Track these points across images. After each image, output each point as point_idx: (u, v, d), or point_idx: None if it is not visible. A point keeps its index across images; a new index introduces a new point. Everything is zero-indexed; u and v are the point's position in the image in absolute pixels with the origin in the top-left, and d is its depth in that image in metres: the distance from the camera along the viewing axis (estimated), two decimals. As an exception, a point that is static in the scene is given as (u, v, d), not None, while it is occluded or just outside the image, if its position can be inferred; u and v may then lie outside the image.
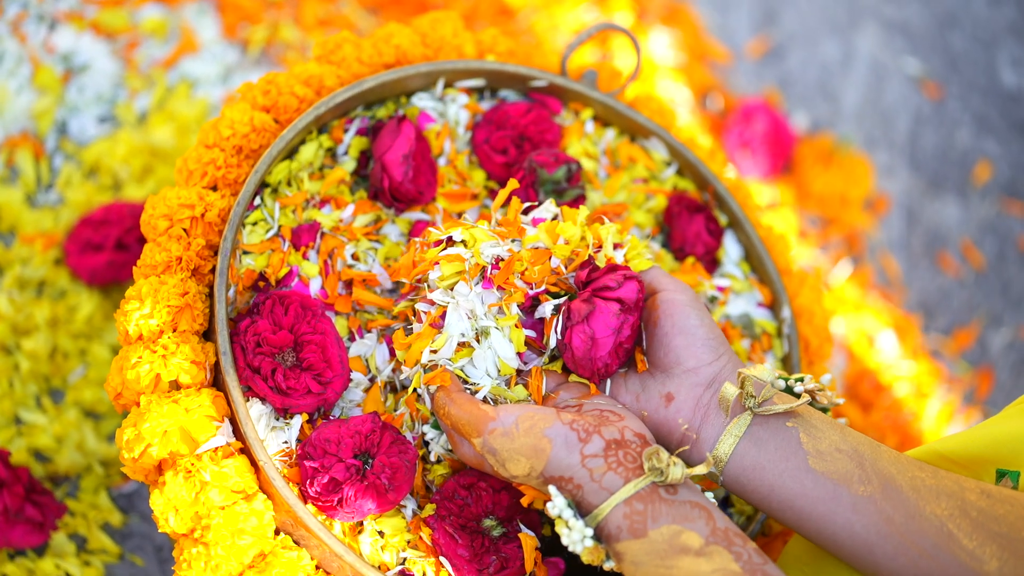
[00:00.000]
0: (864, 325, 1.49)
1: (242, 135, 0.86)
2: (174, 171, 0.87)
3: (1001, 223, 1.61)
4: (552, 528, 0.82)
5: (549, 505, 0.70)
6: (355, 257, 0.88)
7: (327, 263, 0.86)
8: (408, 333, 0.81)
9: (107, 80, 1.31)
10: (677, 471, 0.69)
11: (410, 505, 0.80)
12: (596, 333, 0.76)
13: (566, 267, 0.80)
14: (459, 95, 0.96)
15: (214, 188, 0.86)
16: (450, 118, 0.95)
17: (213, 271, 0.83)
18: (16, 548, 1.01)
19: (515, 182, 0.83)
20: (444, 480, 0.82)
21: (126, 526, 1.08)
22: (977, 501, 0.69)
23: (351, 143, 0.91)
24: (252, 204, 0.86)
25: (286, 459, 0.78)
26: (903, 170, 1.63)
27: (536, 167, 0.90)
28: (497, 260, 0.79)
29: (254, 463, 0.77)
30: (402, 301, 0.84)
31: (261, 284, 0.84)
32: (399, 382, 0.85)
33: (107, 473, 1.09)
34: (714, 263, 0.97)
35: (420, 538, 0.78)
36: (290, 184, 0.88)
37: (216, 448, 0.77)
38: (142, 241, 1.14)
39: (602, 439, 0.71)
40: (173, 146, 1.27)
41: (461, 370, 0.78)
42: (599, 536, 0.70)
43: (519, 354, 0.79)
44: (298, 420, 0.79)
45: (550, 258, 0.79)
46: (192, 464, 0.75)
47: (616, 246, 0.82)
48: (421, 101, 0.94)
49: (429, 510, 0.79)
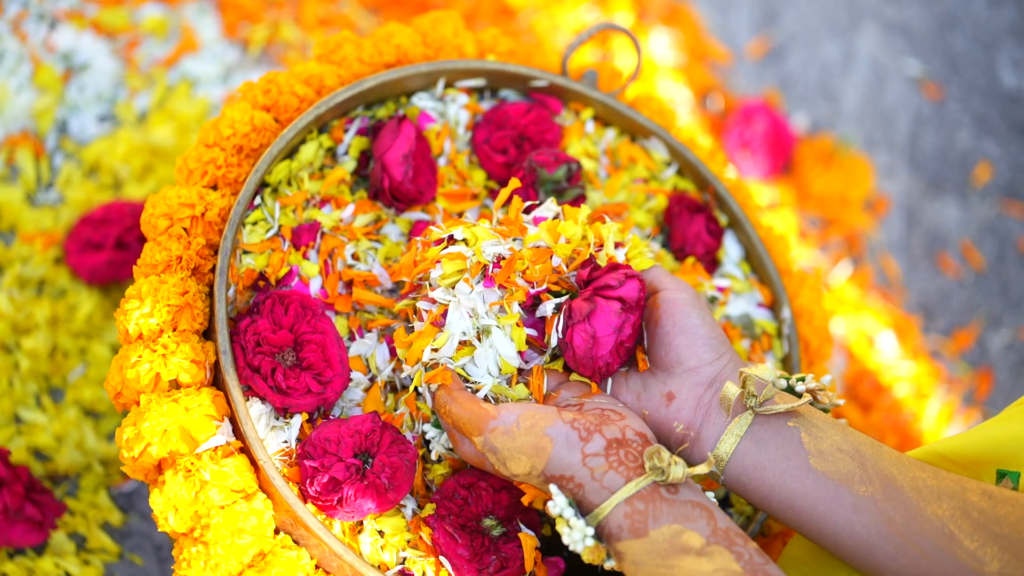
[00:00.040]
0: (864, 326, 1.49)
1: (242, 134, 0.86)
2: (174, 170, 0.87)
3: (1001, 224, 1.61)
4: (552, 527, 0.82)
5: (550, 504, 0.70)
6: (355, 257, 0.88)
7: (327, 263, 0.86)
8: (409, 332, 0.81)
9: (107, 79, 1.31)
10: (678, 470, 0.69)
11: (410, 505, 0.80)
12: (597, 332, 0.76)
13: (567, 266, 0.80)
14: (459, 95, 0.96)
15: (214, 187, 0.86)
16: (450, 118, 0.95)
17: (213, 270, 0.83)
18: (16, 547, 1.01)
19: (516, 181, 0.83)
20: (444, 480, 0.82)
21: (126, 525, 1.08)
22: (978, 502, 0.69)
23: (351, 143, 0.91)
24: (252, 203, 0.86)
25: (286, 458, 0.78)
26: (903, 171, 1.63)
27: (536, 167, 0.90)
28: (498, 259, 0.79)
29: (254, 462, 0.77)
30: (403, 300, 0.84)
31: (261, 284, 0.84)
32: (399, 382, 0.85)
33: (107, 472, 1.09)
34: (714, 263, 0.97)
35: (420, 538, 0.78)
36: (290, 184, 0.88)
37: (216, 447, 0.77)
38: (142, 240, 1.14)
39: (603, 438, 0.71)
40: (173, 145, 1.27)
41: (462, 369, 0.78)
42: (600, 535, 0.70)
43: (520, 353, 0.79)
44: (298, 419, 0.79)
45: (551, 257, 0.79)
46: (192, 463, 0.75)
47: (617, 245, 0.82)
48: (421, 101, 0.94)
49: (429, 510, 0.79)
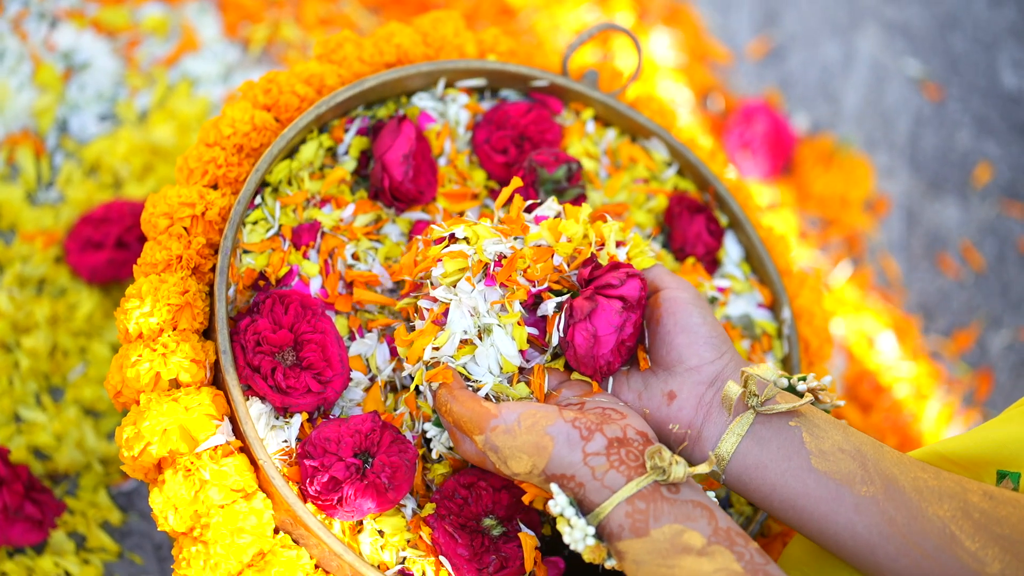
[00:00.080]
0: (864, 326, 1.49)
1: (243, 134, 0.86)
2: (175, 169, 0.87)
3: (1001, 225, 1.61)
4: (552, 527, 0.82)
5: (551, 503, 0.70)
6: (355, 257, 0.88)
7: (327, 262, 0.86)
8: (410, 330, 0.81)
9: (108, 78, 1.31)
10: (679, 470, 0.69)
11: (410, 504, 0.80)
12: (598, 331, 0.76)
13: (568, 265, 0.80)
14: (459, 95, 0.96)
15: (215, 187, 0.86)
16: (450, 118, 0.95)
17: (213, 270, 0.83)
18: (15, 546, 1.01)
19: (518, 180, 0.83)
20: (444, 479, 0.82)
21: (125, 524, 1.08)
22: (980, 503, 0.69)
23: (351, 143, 0.91)
24: (253, 203, 0.86)
25: (286, 458, 0.78)
26: (903, 171, 1.63)
27: (536, 166, 0.90)
28: (500, 257, 0.78)
29: (254, 462, 0.77)
30: (404, 299, 0.84)
31: (261, 283, 0.84)
32: (399, 381, 0.85)
33: (106, 471, 1.09)
34: (714, 264, 0.97)
35: (420, 537, 0.78)
36: (291, 183, 0.88)
37: (216, 447, 0.77)
38: (142, 239, 1.14)
39: (604, 437, 0.71)
40: (174, 144, 1.27)
41: (463, 367, 0.78)
42: (600, 535, 0.70)
43: (521, 352, 0.79)
44: (298, 419, 0.79)
45: (553, 256, 0.79)
46: (192, 462, 0.75)
47: (618, 244, 0.82)
48: (421, 101, 0.94)
49: (429, 509, 0.79)
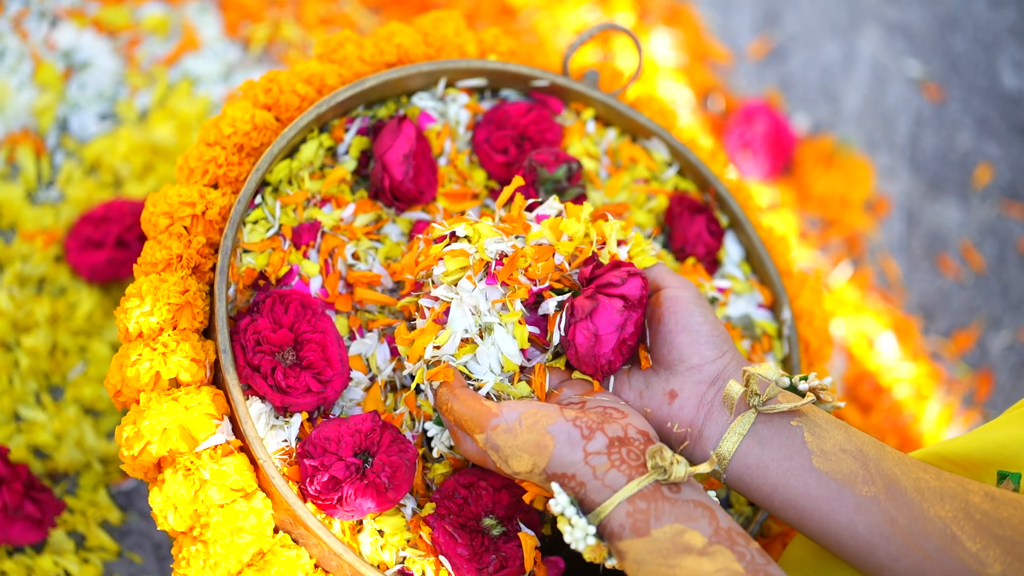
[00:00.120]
0: (864, 327, 1.49)
1: (243, 133, 0.86)
2: (175, 169, 0.87)
3: (1001, 225, 1.61)
4: (552, 526, 0.82)
5: (552, 502, 0.70)
6: (356, 256, 0.88)
7: (327, 262, 0.86)
8: (411, 329, 0.81)
9: (108, 77, 1.31)
10: (680, 469, 0.69)
11: (410, 504, 0.80)
12: (600, 330, 0.76)
13: (570, 263, 0.80)
14: (460, 95, 0.96)
15: (215, 186, 0.86)
16: (451, 118, 0.95)
17: (213, 269, 0.83)
18: (15, 545, 1.01)
19: (520, 179, 0.83)
20: (444, 479, 0.82)
21: (125, 524, 1.08)
22: (981, 504, 0.69)
23: (352, 142, 0.91)
24: (253, 202, 0.86)
25: (285, 457, 0.78)
26: (904, 172, 1.63)
27: (536, 166, 0.90)
28: (501, 256, 0.78)
29: (253, 461, 0.77)
30: (405, 298, 0.84)
31: (261, 283, 0.84)
32: (399, 381, 0.85)
33: (106, 470, 1.09)
34: (715, 264, 0.97)
35: (420, 537, 0.78)
36: (291, 183, 0.88)
37: (215, 446, 0.77)
38: (142, 239, 1.14)
39: (605, 436, 0.71)
40: (174, 144, 1.27)
41: (464, 366, 0.78)
42: (601, 534, 0.70)
43: (522, 350, 0.79)
44: (298, 418, 0.79)
45: (554, 254, 0.79)
46: (191, 462, 0.75)
47: (620, 243, 0.82)
48: (422, 101, 0.94)
49: (429, 509, 0.79)
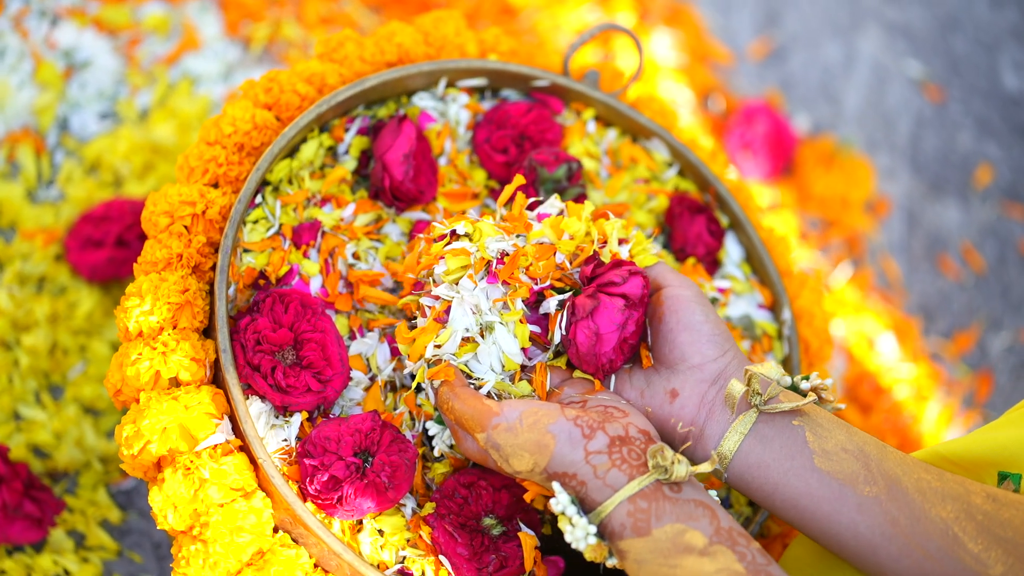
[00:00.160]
0: (864, 327, 1.49)
1: (244, 132, 0.86)
2: (175, 168, 0.87)
3: (1002, 226, 1.61)
4: (552, 526, 0.82)
5: (552, 501, 0.70)
6: (356, 256, 0.88)
7: (328, 262, 0.86)
8: (412, 328, 0.81)
9: (109, 76, 1.31)
10: (681, 469, 0.68)
11: (409, 504, 0.80)
12: (600, 329, 0.76)
13: (571, 262, 0.80)
14: (460, 95, 0.95)
15: (215, 185, 0.86)
16: (451, 118, 0.95)
17: (214, 268, 0.83)
18: (14, 544, 1.01)
19: (521, 178, 0.83)
20: (444, 478, 0.82)
21: (124, 523, 1.08)
22: (983, 505, 0.69)
23: (352, 142, 0.91)
24: (253, 202, 0.86)
25: (285, 457, 0.78)
26: (904, 173, 1.63)
27: (536, 166, 0.90)
28: (502, 255, 0.78)
29: (253, 461, 0.77)
30: (407, 296, 0.84)
31: (261, 282, 0.84)
32: (399, 381, 0.85)
33: (106, 470, 1.09)
34: (715, 264, 0.97)
35: (419, 537, 0.78)
36: (291, 182, 0.88)
37: (215, 445, 0.77)
38: (143, 238, 1.14)
39: (606, 435, 0.71)
40: (174, 143, 1.27)
41: (465, 365, 0.78)
42: (602, 533, 0.70)
43: (523, 349, 0.79)
44: (298, 418, 0.79)
45: (555, 253, 0.79)
46: (191, 461, 0.75)
47: (621, 241, 0.81)
48: (422, 101, 0.94)
49: (429, 508, 0.79)
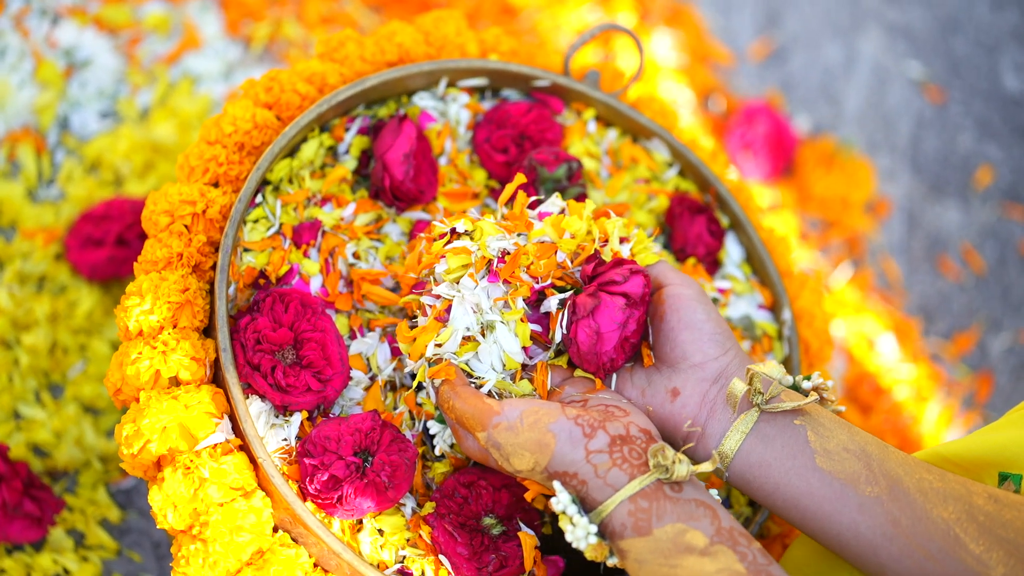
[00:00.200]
0: (864, 328, 1.49)
1: (244, 132, 0.86)
2: (176, 167, 0.87)
3: (1002, 228, 1.61)
4: (552, 526, 0.82)
5: (553, 500, 0.69)
6: (356, 256, 0.88)
7: (328, 261, 0.86)
8: (413, 327, 0.81)
9: (109, 75, 1.31)
10: (682, 468, 0.68)
11: (409, 503, 0.80)
12: (601, 327, 0.76)
13: (572, 261, 0.80)
14: (460, 94, 0.95)
15: (215, 185, 0.86)
16: (451, 117, 0.95)
17: (214, 268, 0.83)
18: (14, 543, 1.01)
19: (522, 176, 0.83)
20: (444, 478, 0.82)
21: (124, 522, 1.08)
22: (984, 506, 0.69)
23: (352, 142, 0.91)
24: (253, 201, 0.86)
25: (285, 456, 0.78)
26: (904, 174, 1.63)
27: (536, 165, 0.90)
28: (503, 254, 0.78)
29: (253, 460, 0.77)
30: (408, 295, 0.84)
31: (262, 281, 0.84)
32: (399, 380, 0.85)
33: (106, 469, 1.09)
34: (715, 264, 0.97)
35: (419, 536, 0.78)
36: (291, 182, 0.88)
37: (215, 445, 0.77)
38: (143, 237, 1.14)
39: (607, 435, 0.71)
40: (175, 142, 1.27)
41: (466, 364, 0.78)
42: (603, 533, 0.70)
43: (524, 348, 0.79)
44: (297, 417, 0.79)
45: (556, 252, 0.79)
46: (191, 460, 0.75)
47: (622, 240, 0.81)
48: (422, 100, 0.94)
49: (429, 508, 0.79)
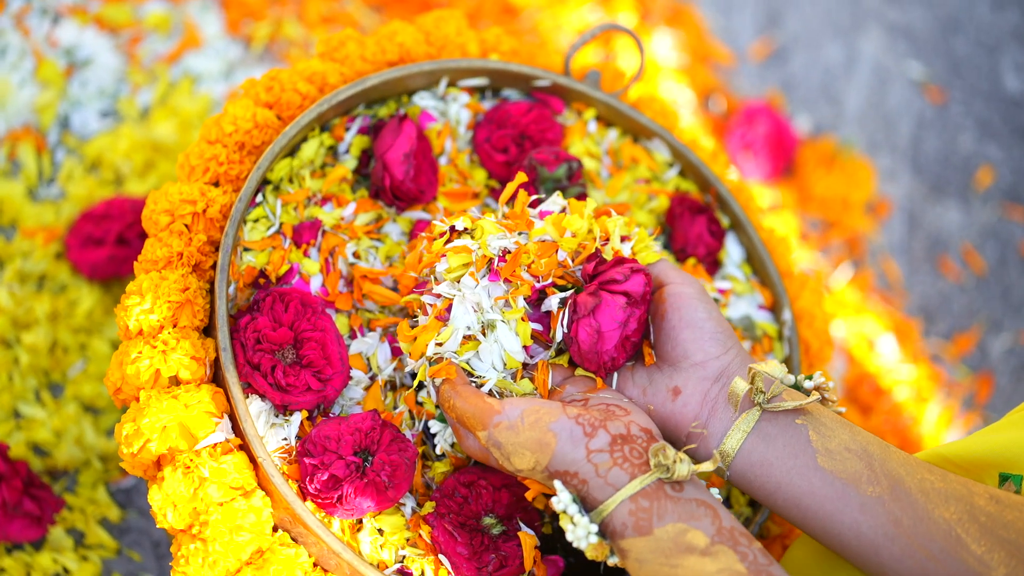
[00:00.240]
0: (864, 329, 1.49)
1: (244, 131, 0.86)
2: (176, 166, 0.87)
3: (1002, 228, 1.61)
4: (552, 525, 0.82)
5: (554, 500, 0.69)
6: (356, 255, 0.88)
7: (328, 261, 0.86)
8: (414, 326, 0.81)
9: (110, 75, 1.31)
10: (683, 468, 0.68)
11: (409, 503, 0.80)
12: (602, 326, 0.76)
13: (573, 260, 0.80)
14: (461, 94, 0.95)
15: (216, 184, 0.86)
16: (451, 117, 0.95)
17: (214, 267, 0.83)
18: (14, 542, 1.01)
19: (523, 175, 0.83)
20: (444, 478, 0.82)
21: (124, 521, 1.08)
22: (986, 506, 0.69)
23: (352, 141, 0.91)
24: (254, 201, 0.86)
25: (285, 456, 0.78)
26: (905, 174, 1.63)
27: (537, 165, 0.90)
28: (504, 252, 0.78)
29: (253, 460, 0.77)
30: (409, 295, 0.84)
31: (262, 281, 0.84)
32: (399, 380, 0.85)
33: (106, 468, 1.09)
34: (715, 265, 0.97)
35: (419, 536, 0.78)
36: (292, 181, 0.88)
37: (215, 444, 0.77)
38: (143, 236, 1.14)
39: (608, 434, 0.71)
40: (175, 141, 1.27)
41: (467, 363, 0.78)
42: (603, 532, 0.70)
43: (525, 347, 0.79)
44: (297, 417, 0.79)
45: (557, 251, 0.79)
46: (191, 460, 0.75)
47: (623, 239, 0.81)
48: (423, 100, 0.94)
49: (428, 508, 0.79)
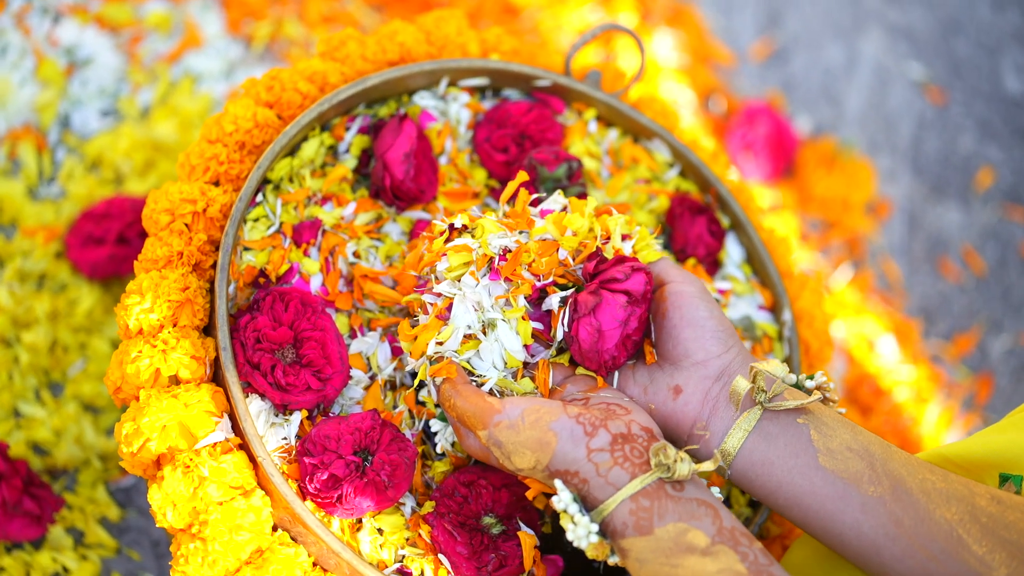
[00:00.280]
0: (864, 329, 1.49)
1: (245, 131, 0.86)
2: (176, 166, 0.87)
3: (1003, 229, 1.61)
4: (552, 525, 0.82)
5: (554, 499, 0.69)
6: (356, 255, 0.88)
7: (328, 260, 0.86)
8: (414, 325, 0.81)
9: (110, 74, 1.31)
10: (684, 467, 0.68)
11: (409, 503, 0.80)
12: (603, 325, 0.76)
13: (574, 259, 0.80)
14: (461, 94, 0.95)
15: (216, 183, 0.86)
16: (451, 117, 0.95)
17: (214, 266, 0.83)
18: (13, 541, 1.01)
19: (524, 174, 0.83)
20: (444, 477, 0.82)
21: (124, 520, 1.08)
22: (987, 507, 0.69)
23: (353, 141, 0.91)
24: (254, 200, 0.86)
25: (285, 455, 0.78)
26: (905, 175, 1.63)
27: (537, 164, 0.90)
28: (504, 251, 0.78)
29: (253, 459, 0.77)
30: (409, 294, 0.84)
31: (262, 280, 0.84)
32: (399, 379, 0.85)
33: (105, 467, 1.09)
34: (715, 265, 0.97)
35: (419, 535, 0.78)
36: (292, 181, 0.88)
37: (215, 443, 0.77)
38: (143, 235, 1.14)
39: (608, 433, 0.71)
40: (175, 141, 1.27)
41: (467, 362, 0.78)
42: (604, 532, 0.69)
43: (526, 346, 0.79)
44: (297, 416, 0.79)
45: (558, 250, 0.79)
46: (191, 459, 0.75)
47: (624, 237, 0.81)
48: (423, 100, 0.94)
49: (428, 507, 0.79)
